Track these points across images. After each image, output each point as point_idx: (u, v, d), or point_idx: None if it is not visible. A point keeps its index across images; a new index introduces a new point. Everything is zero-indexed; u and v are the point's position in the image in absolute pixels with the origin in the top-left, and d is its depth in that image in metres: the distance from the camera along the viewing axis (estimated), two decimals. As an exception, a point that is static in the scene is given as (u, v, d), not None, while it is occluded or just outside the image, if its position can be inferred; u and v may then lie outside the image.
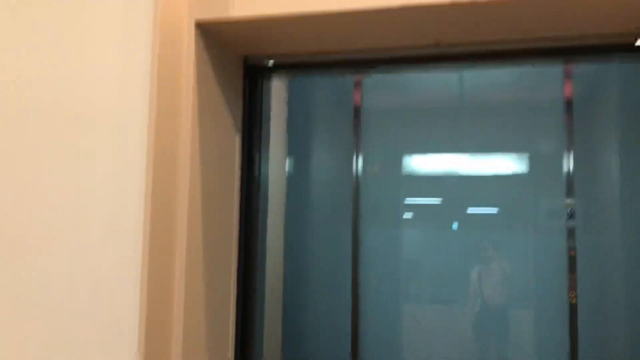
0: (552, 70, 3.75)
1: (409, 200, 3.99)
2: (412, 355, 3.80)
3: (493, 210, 3.85)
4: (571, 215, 3.58)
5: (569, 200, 3.60)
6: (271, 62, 2.42)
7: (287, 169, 3.84)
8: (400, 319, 3.85)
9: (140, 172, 1.70)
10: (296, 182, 3.97)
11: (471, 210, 3.88)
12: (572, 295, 3.51)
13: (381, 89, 4.07)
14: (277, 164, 3.64)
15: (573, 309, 3.50)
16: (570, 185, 3.62)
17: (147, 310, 1.60)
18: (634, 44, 2.21)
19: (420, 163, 3.98)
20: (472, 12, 1.91)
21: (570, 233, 3.56)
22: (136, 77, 1.82)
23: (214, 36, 2.11)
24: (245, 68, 2.42)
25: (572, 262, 3.54)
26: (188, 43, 1.98)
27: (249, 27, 2.05)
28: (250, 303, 2.26)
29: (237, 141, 2.32)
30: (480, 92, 3.94)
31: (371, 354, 3.80)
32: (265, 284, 2.45)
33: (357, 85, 3.84)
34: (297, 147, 4.03)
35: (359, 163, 3.97)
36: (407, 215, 3.99)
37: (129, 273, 1.63)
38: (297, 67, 2.47)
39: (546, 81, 3.77)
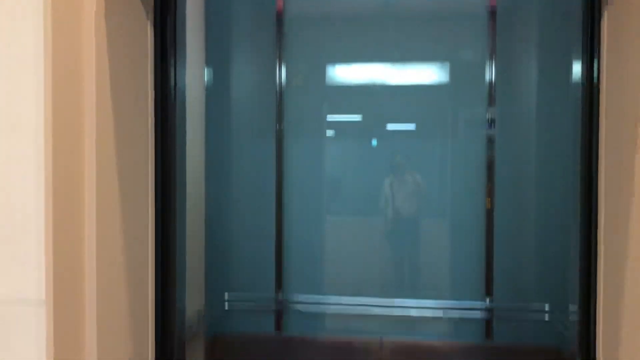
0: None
1: (331, 118, 3.92)
2: (333, 267, 3.89)
3: (411, 126, 3.87)
4: (491, 124, 3.64)
5: (489, 109, 3.64)
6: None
7: (205, 79, 3.66)
8: (322, 232, 3.90)
9: (38, 81, 1.48)
10: (216, 93, 3.81)
11: (390, 127, 3.88)
12: (488, 201, 3.63)
13: (305, -5, 3.88)
14: (195, 74, 3.46)
15: (489, 214, 3.64)
16: (491, 94, 3.65)
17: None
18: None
19: (344, 72, 3.88)
20: None
21: (490, 141, 3.63)
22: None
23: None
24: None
25: (490, 169, 3.64)
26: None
27: None
28: (169, 225, 2.17)
29: (149, 48, 2.12)
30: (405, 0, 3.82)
31: (295, 263, 3.86)
32: (186, 204, 2.35)
33: (280, -10, 3.63)
34: (217, 56, 3.83)
35: (282, 73, 3.83)
36: (329, 132, 3.94)
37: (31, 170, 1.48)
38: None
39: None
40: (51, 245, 1.44)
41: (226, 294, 3.85)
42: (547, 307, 3.58)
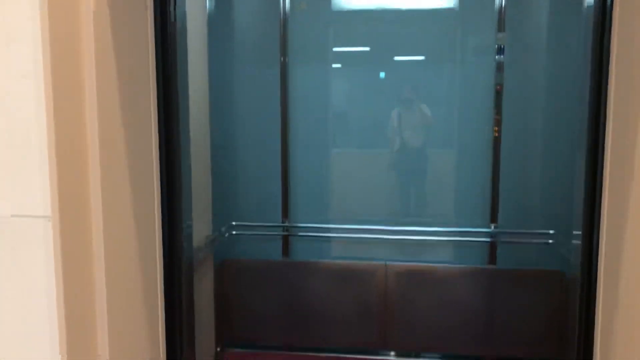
0: None
1: (338, 47, 3.85)
2: (340, 196, 3.92)
3: (419, 54, 3.80)
4: (500, 50, 3.57)
5: (499, 35, 3.57)
6: None
7: (207, 6, 3.58)
8: (329, 162, 3.91)
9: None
10: (218, 21, 3.73)
11: (398, 55, 3.81)
12: (496, 129, 3.61)
13: None
14: (196, 1, 3.39)
15: (496, 142, 3.63)
16: (501, 19, 3.57)
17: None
18: None
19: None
20: None
21: (499, 68, 3.58)
22: None
23: None
24: None
25: (498, 97, 3.60)
26: None
27: None
28: (173, 151, 2.16)
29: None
30: None
31: (301, 192, 3.89)
32: (189, 132, 2.35)
33: None
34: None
35: (286, -1, 3.74)
36: (336, 60, 3.88)
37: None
38: None
39: None
40: (55, 161, 1.44)
41: (233, 222, 3.91)
42: (551, 232, 3.62)
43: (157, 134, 2.09)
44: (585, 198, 2.15)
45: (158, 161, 2.10)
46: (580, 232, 2.21)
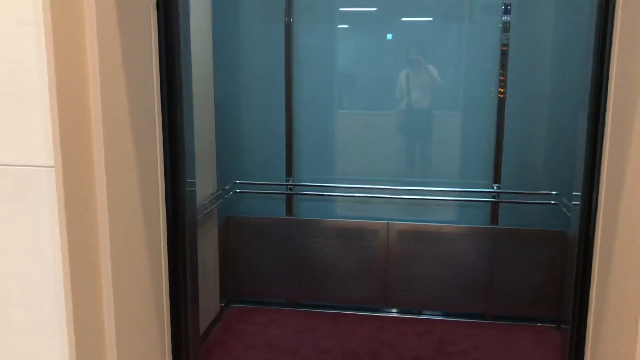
0: None
1: (344, 9, 3.81)
2: (344, 156, 3.93)
3: (428, 18, 3.76)
4: (507, 10, 3.53)
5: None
6: None
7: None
8: (334, 122, 3.90)
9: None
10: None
11: (405, 18, 3.77)
12: (501, 90, 3.60)
13: None
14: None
15: (501, 102, 3.62)
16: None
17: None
18: None
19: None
20: None
21: (505, 28, 3.54)
22: None
23: None
24: None
25: (504, 57, 3.57)
26: None
27: None
28: (176, 107, 2.15)
29: None
30: None
31: (306, 151, 3.90)
32: (192, 89, 2.33)
33: None
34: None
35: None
36: (342, 25, 3.84)
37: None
38: None
39: None
40: (56, 110, 1.45)
41: (237, 180, 3.93)
42: (554, 193, 3.63)
43: (159, 90, 2.08)
44: (585, 160, 2.17)
45: (160, 116, 2.10)
46: (579, 193, 2.23)
